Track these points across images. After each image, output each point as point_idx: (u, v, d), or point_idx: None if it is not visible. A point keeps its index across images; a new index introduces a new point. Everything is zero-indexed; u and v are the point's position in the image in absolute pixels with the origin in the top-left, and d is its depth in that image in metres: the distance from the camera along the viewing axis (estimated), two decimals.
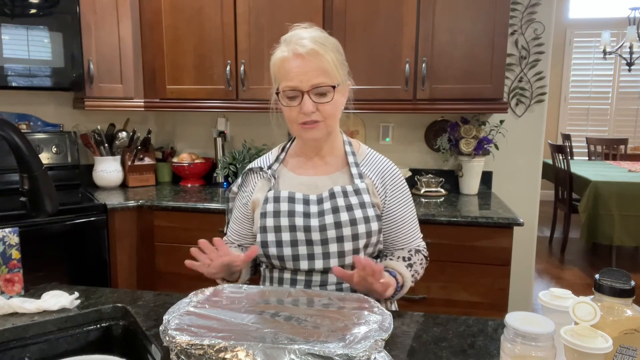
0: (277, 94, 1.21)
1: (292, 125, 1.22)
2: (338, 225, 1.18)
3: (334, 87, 1.18)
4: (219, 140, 2.95)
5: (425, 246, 1.34)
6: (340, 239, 1.19)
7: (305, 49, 1.15)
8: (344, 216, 1.19)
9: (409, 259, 1.26)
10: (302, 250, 1.20)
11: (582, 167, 4.90)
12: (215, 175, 2.94)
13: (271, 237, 1.21)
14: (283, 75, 1.18)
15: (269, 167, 1.31)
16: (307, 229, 1.19)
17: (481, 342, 1.03)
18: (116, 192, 2.66)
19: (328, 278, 1.21)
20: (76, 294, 1.24)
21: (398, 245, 1.30)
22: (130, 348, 1.16)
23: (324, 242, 1.19)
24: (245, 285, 1.09)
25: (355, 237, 1.19)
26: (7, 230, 1.23)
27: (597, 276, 0.79)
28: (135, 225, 2.45)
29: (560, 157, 4.69)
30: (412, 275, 1.25)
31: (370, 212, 1.21)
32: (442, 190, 2.61)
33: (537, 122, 2.68)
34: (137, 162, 2.82)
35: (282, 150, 1.35)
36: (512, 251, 2.11)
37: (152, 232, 2.44)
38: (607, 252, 4.57)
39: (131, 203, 2.42)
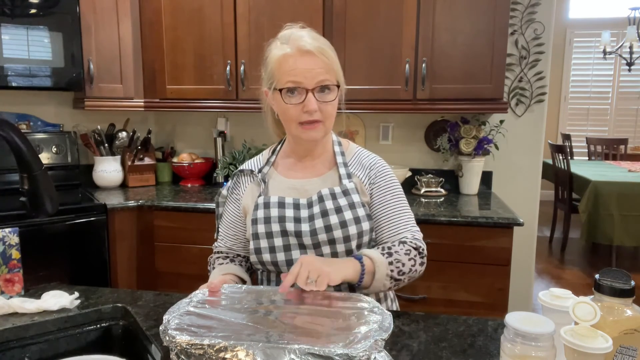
0: (276, 90, 1.17)
1: (290, 125, 1.19)
2: (328, 228, 1.17)
3: (338, 85, 1.18)
4: (219, 140, 2.95)
5: (418, 239, 1.23)
6: (332, 242, 1.17)
7: (310, 46, 1.14)
8: (334, 219, 1.17)
9: (389, 248, 1.17)
10: (296, 254, 1.19)
11: (582, 167, 4.90)
12: (215, 175, 2.94)
13: (264, 243, 1.20)
14: (285, 71, 1.15)
15: (260, 171, 1.29)
16: (298, 234, 1.18)
17: (481, 342, 1.03)
18: (116, 192, 2.66)
19: None
20: (76, 294, 1.24)
21: (384, 238, 1.23)
22: (130, 348, 1.16)
23: (316, 245, 1.18)
24: (245, 286, 1.09)
25: (347, 238, 1.17)
26: (7, 230, 1.23)
27: (597, 276, 0.79)
28: (135, 225, 2.45)
29: (560, 157, 4.69)
30: (391, 263, 1.14)
31: (361, 212, 1.20)
32: (442, 190, 2.61)
33: (537, 122, 2.68)
34: (137, 162, 2.83)
35: (273, 152, 1.33)
36: (512, 251, 2.11)
37: (152, 232, 2.44)
38: (607, 252, 4.57)
39: (131, 203, 2.42)
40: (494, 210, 2.25)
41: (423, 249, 1.22)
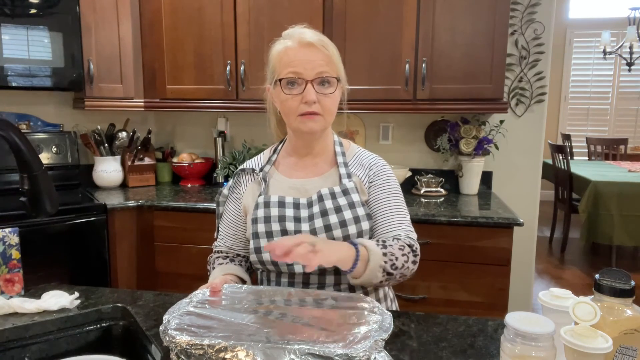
0: (277, 82, 1.18)
1: (289, 118, 1.20)
2: (328, 228, 1.17)
3: (337, 79, 1.19)
4: (219, 140, 2.95)
5: (412, 238, 1.21)
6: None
7: (311, 38, 1.17)
8: (333, 219, 1.18)
9: (384, 242, 1.16)
10: None
11: (582, 167, 4.90)
12: (215, 175, 2.94)
13: (264, 242, 1.20)
14: (286, 63, 1.17)
15: (261, 170, 1.30)
16: (298, 234, 1.18)
17: (481, 342, 1.03)
18: (116, 192, 2.66)
19: (325, 280, 1.20)
20: (76, 294, 1.24)
21: (376, 236, 1.23)
22: (130, 348, 1.16)
23: None
24: (245, 285, 1.09)
25: (346, 238, 1.18)
26: (7, 230, 1.23)
27: (597, 276, 0.79)
28: (135, 225, 2.45)
29: (560, 157, 4.69)
30: (385, 255, 1.11)
31: (360, 211, 1.20)
32: (442, 190, 2.61)
33: (537, 122, 2.68)
34: (137, 162, 2.82)
35: (274, 151, 1.34)
36: (512, 251, 2.11)
37: (152, 232, 2.44)
38: (607, 252, 4.57)
39: (131, 203, 2.42)
40: (494, 210, 2.25)
41: (416, 248, 1.20)
